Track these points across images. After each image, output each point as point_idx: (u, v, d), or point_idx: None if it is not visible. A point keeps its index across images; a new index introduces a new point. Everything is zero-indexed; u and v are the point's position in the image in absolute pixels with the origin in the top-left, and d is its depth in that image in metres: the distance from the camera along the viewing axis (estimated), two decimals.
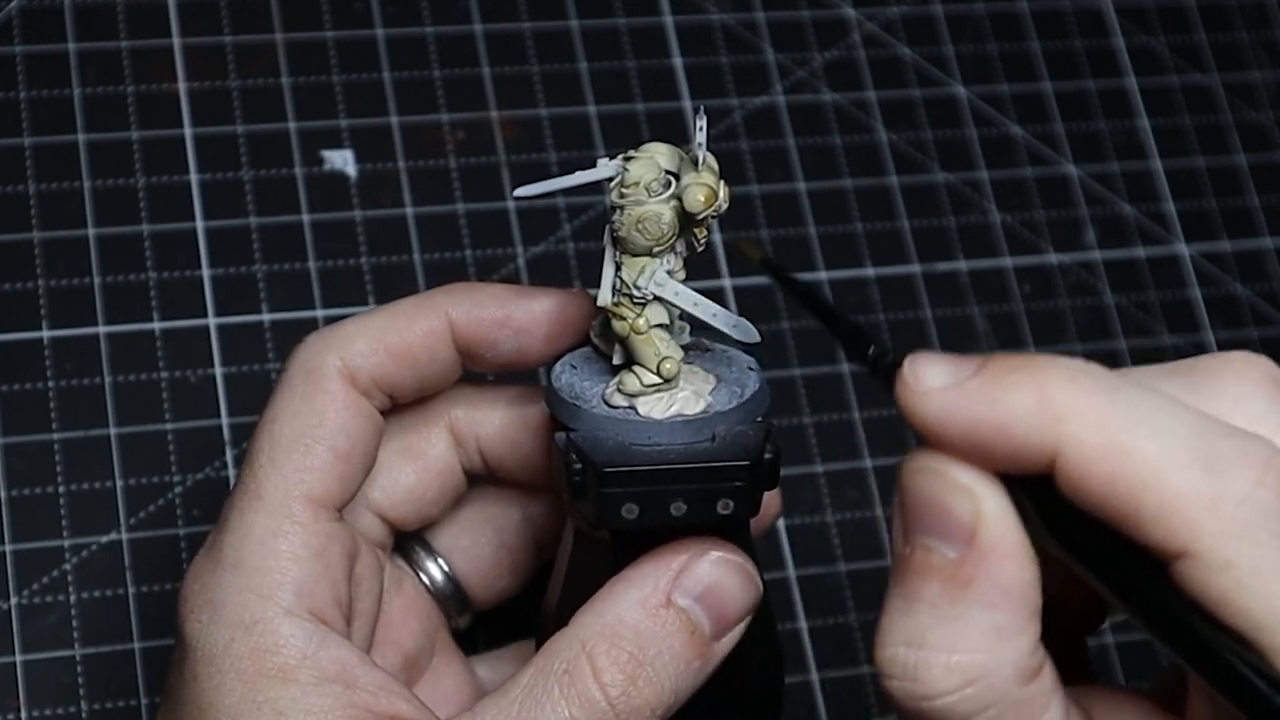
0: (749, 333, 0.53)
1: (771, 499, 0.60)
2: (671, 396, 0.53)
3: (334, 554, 0.54)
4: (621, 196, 0.52)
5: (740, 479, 0.51)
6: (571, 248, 0.73)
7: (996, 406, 0.44)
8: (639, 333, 0.52)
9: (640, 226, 0.52)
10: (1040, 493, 0.44)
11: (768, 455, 0.51)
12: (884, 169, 0.77)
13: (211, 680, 0.52)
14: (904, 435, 0.71)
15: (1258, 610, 0.42)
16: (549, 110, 0.75)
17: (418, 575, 0.60)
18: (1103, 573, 0.44)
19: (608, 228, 0.52)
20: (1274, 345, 0.79)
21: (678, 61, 0.77)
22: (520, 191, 0.54)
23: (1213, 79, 0.82)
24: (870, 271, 0.75)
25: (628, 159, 0.52)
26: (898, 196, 0.77)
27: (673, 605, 0.51)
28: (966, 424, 0.44)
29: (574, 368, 0.55)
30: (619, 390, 0.53)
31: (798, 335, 0.73)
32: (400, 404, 0.57)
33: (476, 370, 0.58)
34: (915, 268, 0.76)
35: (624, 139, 0.74)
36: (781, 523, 0.71)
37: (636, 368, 0.53)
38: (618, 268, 0.52)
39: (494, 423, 0.58)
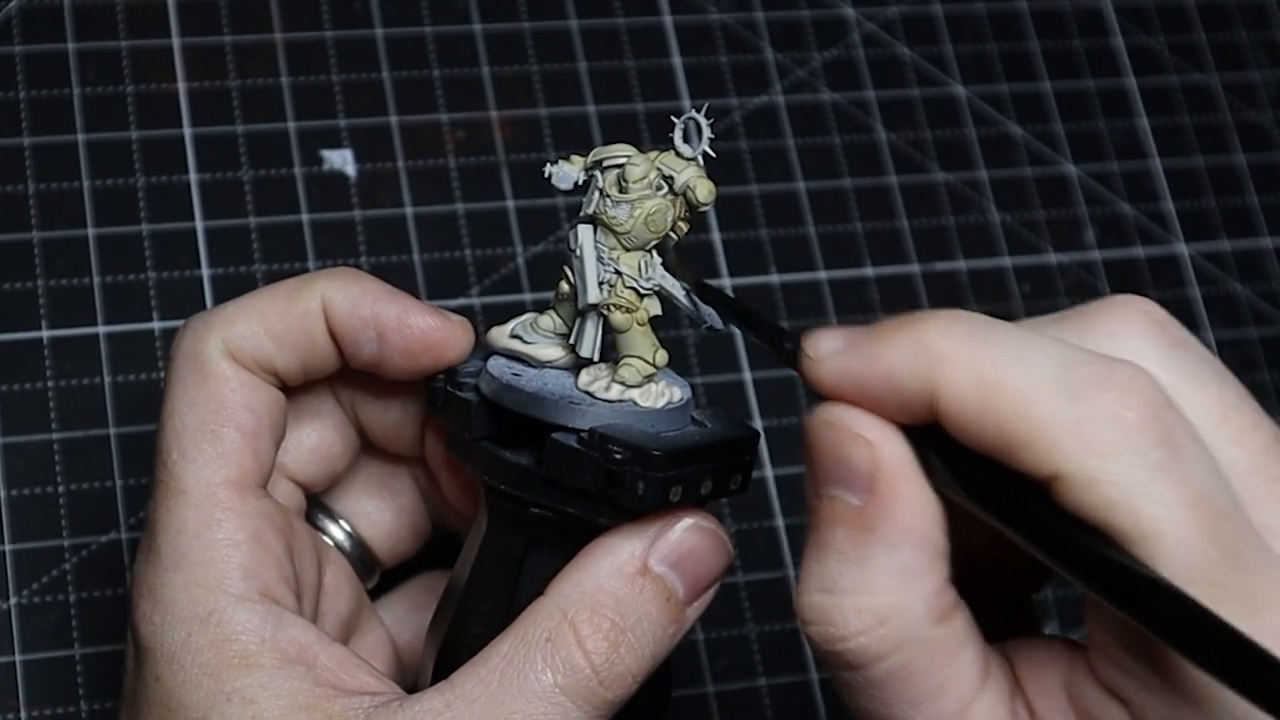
0: (717, 320, 0.54)
1: None
2: (657, 387, 0.53)
3: (269, 533, 0.54)
4: (624, 192, 0.52)
5: (749, 453, 0.53)
6: None
7: (880, 360, 0.46)
8: (641, 324, 0.53)
9: (649, 220, 0.52)
10: (936, 439, 0.46)
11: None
12: (884, 169, 0.77)
13: (175, 678, 0.52)
14: None
15: (1124, 524, 0.43)
16: (549, 110, 0.75)
17: (329, 541, 0.60)
18: (992, 506, 0.45)
19: (589, 227, 0.52)
20: (1274, 345, 0.79)
21: (677, 61, 0.77)
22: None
23: (1213, 79, 0.82)
24: (870, 271, 0.75)
25: (567, 159, 0.53)
26: (897, 196, 0.77)
27: (649, 572, 0.52)
28: (857, 381, 0.47)
29: (516, 375, 0.54)
30: (618, 383, 0.53)
31: None
32: (291, 386, 0.56)
33: (352, 365, 0.56)
34: (915, 267, 0.76)
35: (624, 139, 0.74)
36: (781, 523, 0.71)
37: (633, 360, 0.53)
38: (615, 262, 0.53)
39: (365, 388, 0.58)
